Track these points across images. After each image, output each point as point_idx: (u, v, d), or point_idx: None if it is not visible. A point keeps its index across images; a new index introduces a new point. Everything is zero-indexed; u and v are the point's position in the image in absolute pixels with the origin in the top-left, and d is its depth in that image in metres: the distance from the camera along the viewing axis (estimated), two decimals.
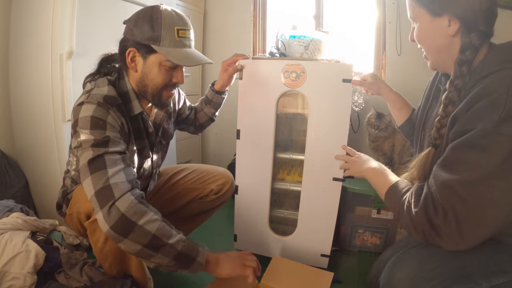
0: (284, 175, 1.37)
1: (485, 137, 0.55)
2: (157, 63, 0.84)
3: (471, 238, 0.57)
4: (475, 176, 0.55)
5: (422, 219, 0.59)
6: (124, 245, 0.72)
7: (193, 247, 0.79)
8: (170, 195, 1.18)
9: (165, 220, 0.77)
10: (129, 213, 0.71)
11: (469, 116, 0.58)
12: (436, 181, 0.60)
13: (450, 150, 0.60)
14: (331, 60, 1.13)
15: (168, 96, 0.93)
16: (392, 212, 0.70)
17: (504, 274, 0.61)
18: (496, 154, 0.54)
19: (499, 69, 0.58)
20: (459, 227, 0.56)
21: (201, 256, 0.80)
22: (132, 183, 0.76)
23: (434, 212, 0.58)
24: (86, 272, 1.01)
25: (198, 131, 1.32)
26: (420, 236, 0.62)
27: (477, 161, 0.55)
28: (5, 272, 0.90)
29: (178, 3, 1.83)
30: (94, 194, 0.72)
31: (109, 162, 0.74)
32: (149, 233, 0.72)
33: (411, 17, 0.72)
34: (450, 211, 0.56)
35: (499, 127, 0.54)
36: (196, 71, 2.18)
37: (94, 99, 0.79)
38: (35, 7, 1.24)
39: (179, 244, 0.76)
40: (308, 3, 1.91)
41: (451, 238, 0.58)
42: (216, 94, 1.20)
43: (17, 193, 1.34)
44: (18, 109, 1.39)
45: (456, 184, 0.56)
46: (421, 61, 0.78)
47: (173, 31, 0.82)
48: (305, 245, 1.27)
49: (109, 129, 0.78)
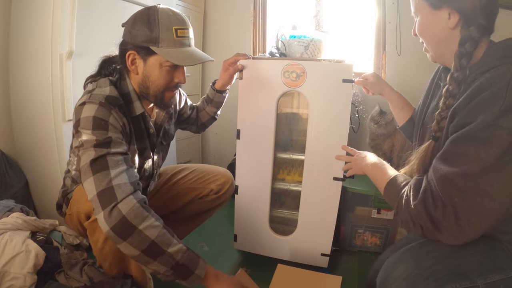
0: (284, 175, 1.37)
1: (485, 129, 0.55)
2: (158, 64, 0.84)
3: (470, 232, 0.57)
4: (475, 169, 0.55)
5: (421, 213, 0.60)
6: (123, 248, 0.72)
7: (192, 259, 0.77)
8: (170, 195, 1.18)
9: (166, 228, 0.76)
10: (130, 216, 0.71)
11: (469, 109, 0.58)
12: (435, 174, 0.60)
13: (450, 143, 0.60)
14: (332, 60, 1.13)
15: (171, 97, 0.93)
16: (391, 206, 0.70)
17: (500, 272, 0.62)
18: (496, 147, 0.54)
19: (499, 64, 0.59)
20: (458, 221, 0.56)
21: (200, 269, 0.77)
22: (135, 185, 0.76)
23: (433, 206, 0.58)
24: (86, 272, 1.01)
25: (200, 130, 1.32)
26: (418, 230, 0.62)
27: (477, 153, 0.55)
28: (5, 272, 0.90)
29: (178, 3, 1.83)
30: (96, 195, 0.72)
31: (112, 163, 0.74)
32: (148, 238, 0.71)
33: (413, 11, 0.72)
34: (449, 204, 0.56)
35: (499, 120, 0.54)
36: (196, 71, 2.18)
37: (96, 99, 0.78)
38: (35, 7, 1.24)
39: (178, 254, 0.74)
40: (308, 3, 1.91)
41: (450, 232, 0.58)
42: (217, 93, 1.20)
43: (17, 193, 1.34)
44: (18, 109, 1.39)
45: (456, 177, 0.57)
46: (421, 61, 0.78)
47: (172, 31, 0.82)
48: (305, 245, 1.27)
49: (111, 129, 0.78)
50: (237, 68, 1.16)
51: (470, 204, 0.56)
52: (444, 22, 0.66)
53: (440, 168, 0.59)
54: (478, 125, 0.56)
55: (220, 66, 1.17)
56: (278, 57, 1.28)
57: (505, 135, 0.54)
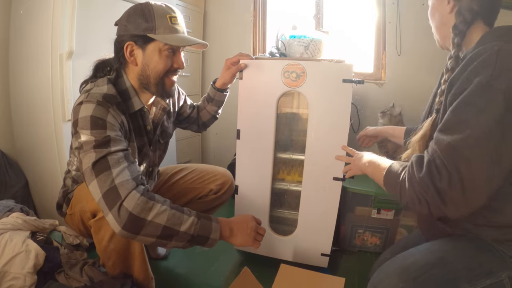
0: (284, 175, 1.37)
1: (480, 93, 0.57)
2: (157, 50, 0.86)
3: (474, 200, 0.58)
4: (477, 134, 0.56)
5: (427, 184, 0.60)
6: (139, 240, 0.75)
7: (205, 227, 0.79)
8: (169, 195, 1.18)
9: (174, 207, 0.78)
10: (136, 210, 0.72)
11: (464, 77, 0.60)
12: (439, 145, 0.60)
13: (450, 112, 0.61)
14: (332, 60, 1.13)
15: (171, 84, 0.93)
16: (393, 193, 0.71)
17: (490, 275, 0.61)
18: (493, 109, 0.56)
19: (490, 41, 0.62)
20: (464, 189, 0.57)
21: (214, 232, 0.80)
22: (137, 180, 0.77)
23: (438, 176, 0.59)
24: (86, 272, 1.01)
25: (201, 130, 1.32)
26: (424, 207, 0.62)
27: (477, 118, 0.57)
28: (5, 272, 0.90)
29: (178, 3, 1.82)
30: (102, 197, 0.73)
31: (112, 162, 0.75)
32: (159, 225, 0.73)
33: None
34: (455, 173, 0.57)
35: (493, 82, 0.56)
36: (197, 71, 2.18)
37: (93, 98, 0.79)
38: (35, 7, 1.24)
39: (191, 229, 0.77)
40: (308, 3, 1.91)
41: (455, 203, 0.58)
42: (217, 92, 1.20)
43: (17, 193, 1.34)
44: (18, 109, 1.39)
45: (460, 144, 0.57)
46: (421, 61, 0.79)
47: (166, 19, 0.85)
48: (305, 244, 1.27)
49: (109, 128, 0.78)
50: (240, 67, 1.16)
51: (475, 171, 0.56)
52: (444, 7, 0.71)
53: (443, 139, 0.60)
54: (474, 88, 0.58)
55: (220, 66, 1.18)
56: (278, 57, 1.28)
57: (500, 96, 0.55)
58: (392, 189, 0.71)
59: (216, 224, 0.82)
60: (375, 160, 0.83)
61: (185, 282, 1.24)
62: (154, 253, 1.34)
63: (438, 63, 1.10)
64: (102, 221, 0.82)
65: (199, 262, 1.35)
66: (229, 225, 0.85)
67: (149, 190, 0.78)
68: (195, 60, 2.15)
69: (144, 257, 0.92)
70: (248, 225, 0.88)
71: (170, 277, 1.25)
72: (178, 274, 1.28)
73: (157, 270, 1.19)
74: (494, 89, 0.56)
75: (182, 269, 1.31)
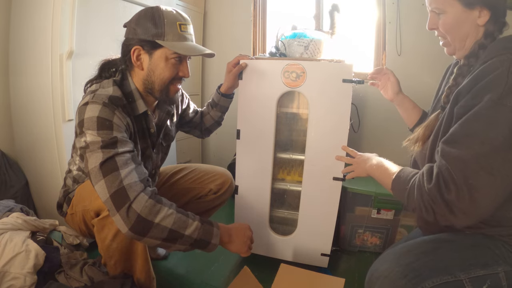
0: (284, 175, 1.37)
1: (491, 109, 0.58)
2: (163, 57, 0.86)
3: (483, 211, 0.59)
4: (486, 149, 0.57)
5: (435, 196, 0.61)
6: (144, 242, 0.76)
7: (207, 231, 0.82)
8: (169, 195, 1.18)
9: (179, 211, 0.79)
10: (144, 212, 0.73)
11: (475, 92, 0.61)
12: (446, 158, 0.61)
13: (458, 126, 0.62)
14: (332, 60, 1.13)
15: (175, 91, 0.94)
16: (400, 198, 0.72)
17: (484, 267, 0.63)
18: (503, 126, 0.57)
19: (500, 53, 0.62)
20: (473, 202, 0.58)
21: (215, 238, 0.83)
22: (145, 182, 0.77)
23: (446, 190, 0.60)
24: (86, 272, 1.01)
25: (204, 135, 1.31)
26: (431, 215, 0.63)
27: (486, 133, 0.58)
28: (5, 272, 0.90)
29: (178, 3, 1.83)
30: (110, 197, 0.73)
31: (120, 163, 0.75)
32: (166, 228, 0.75)
33: (434, 7, 0.73)
34: (464, 186, 0.58)
35: (503, 100, 0.57)
36: (197, 71, 2.18)
37: (99, 99, 0.79)
38: (35, 7, 1.24)
39: (195, 233, 0.79)
40: (308, 3, 1.91)
41: (463, 213, 0.59)
42: (222, 97, 1.20)
43: (17, 193, 1.34)
44: (18, 109, 1.39)
45: (469, 158, 0.58)
46: (421, 61, 0.79)
47: (176, 26, 0.84)
48: (305, 244, 1.27)
49: (115, 129, 0.78)
50: (241, 67, 1.16)
51: (483, 184, 0.57)
52: (474, 20, 0.69)
53: (451, 151, 0.61)
54: (485, 104, 0.59)
55: (220, 66, 1.18)
56: (278, 57, 1.28)
57: (510, 113, 0.57)
58: (399, 194, 0.73)
59: (217, 230, 0.84)
60: (383, 164, 0.83)
61: (185, 282, 1.24)
62: (154, 253, 1.34)
63: (438, 63, 1.10)
64: (106, 220, 0.82)
65: (199, 262, 1.35)
66: (228, 231, 0.88)
67: (156, 192, 0.79)
68: (195, 60, 2.15)
69: (147, 256, 0.92)
70: (245, 233, 0.91)
71: (170, 277, 1.25)
72: (178, 274, 1.28)
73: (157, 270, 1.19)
74: (505, 106, 0.57)
75: (182, 269, 1.31)
